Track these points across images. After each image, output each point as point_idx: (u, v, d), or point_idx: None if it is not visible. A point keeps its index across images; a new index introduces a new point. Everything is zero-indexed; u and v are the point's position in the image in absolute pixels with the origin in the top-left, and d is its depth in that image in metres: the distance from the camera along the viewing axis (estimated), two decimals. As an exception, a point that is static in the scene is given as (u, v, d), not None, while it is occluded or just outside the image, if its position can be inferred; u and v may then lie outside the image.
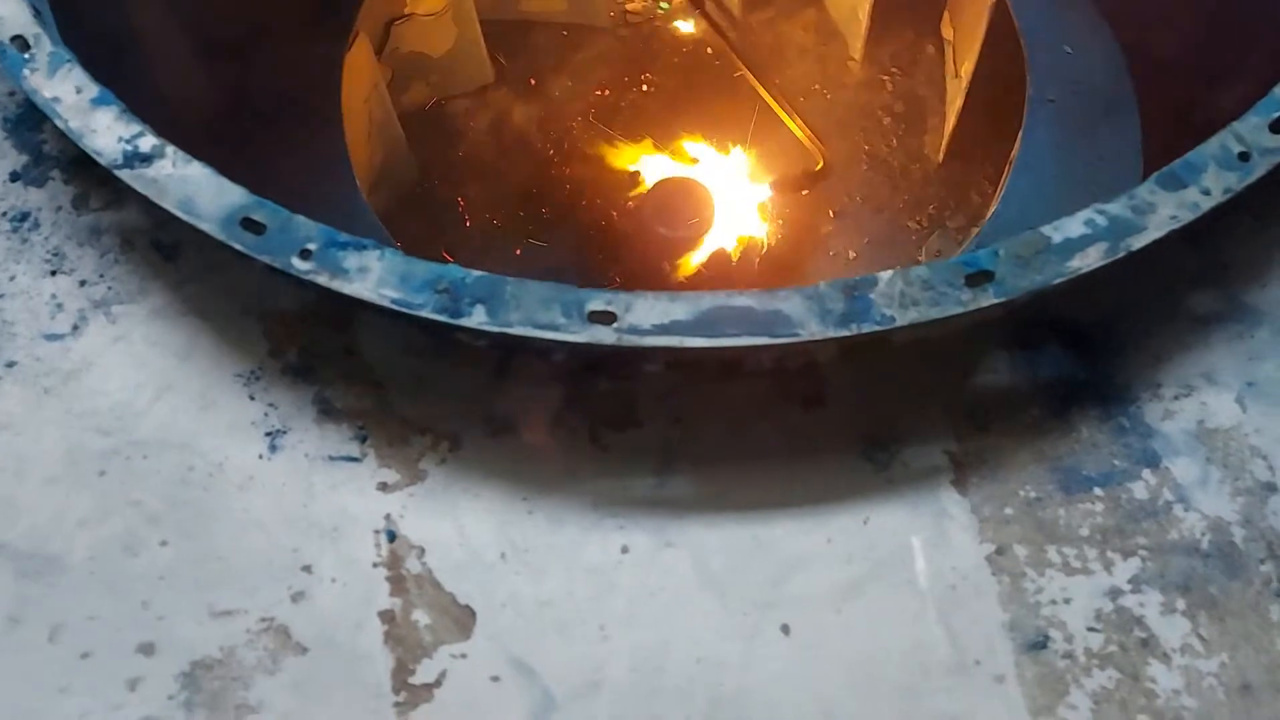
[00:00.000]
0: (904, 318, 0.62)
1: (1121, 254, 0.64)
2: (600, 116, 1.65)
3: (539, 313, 0.63)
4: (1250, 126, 0.67)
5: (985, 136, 1.46)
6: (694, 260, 1.53)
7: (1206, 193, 0.65)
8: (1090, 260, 0.64)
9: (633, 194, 1.60)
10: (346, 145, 1.29)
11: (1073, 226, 0.65)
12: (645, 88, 1.67)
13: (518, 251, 1.57)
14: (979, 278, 0.63)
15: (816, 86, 1.63)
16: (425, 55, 1.55)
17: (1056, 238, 0.64)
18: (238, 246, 0.64)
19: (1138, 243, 0.64)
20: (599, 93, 1.67)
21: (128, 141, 0.67)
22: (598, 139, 1.63)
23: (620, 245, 1.56)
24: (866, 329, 0.62)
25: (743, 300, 0.63)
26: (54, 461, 0.68)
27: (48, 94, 0.68)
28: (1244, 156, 0.66)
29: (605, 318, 0.63)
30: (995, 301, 0.62)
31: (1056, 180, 1.16)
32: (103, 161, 0.66)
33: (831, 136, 1.59)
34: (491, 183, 1.62)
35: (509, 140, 1.64)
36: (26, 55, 0.70)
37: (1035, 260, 0.64)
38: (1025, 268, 0.63)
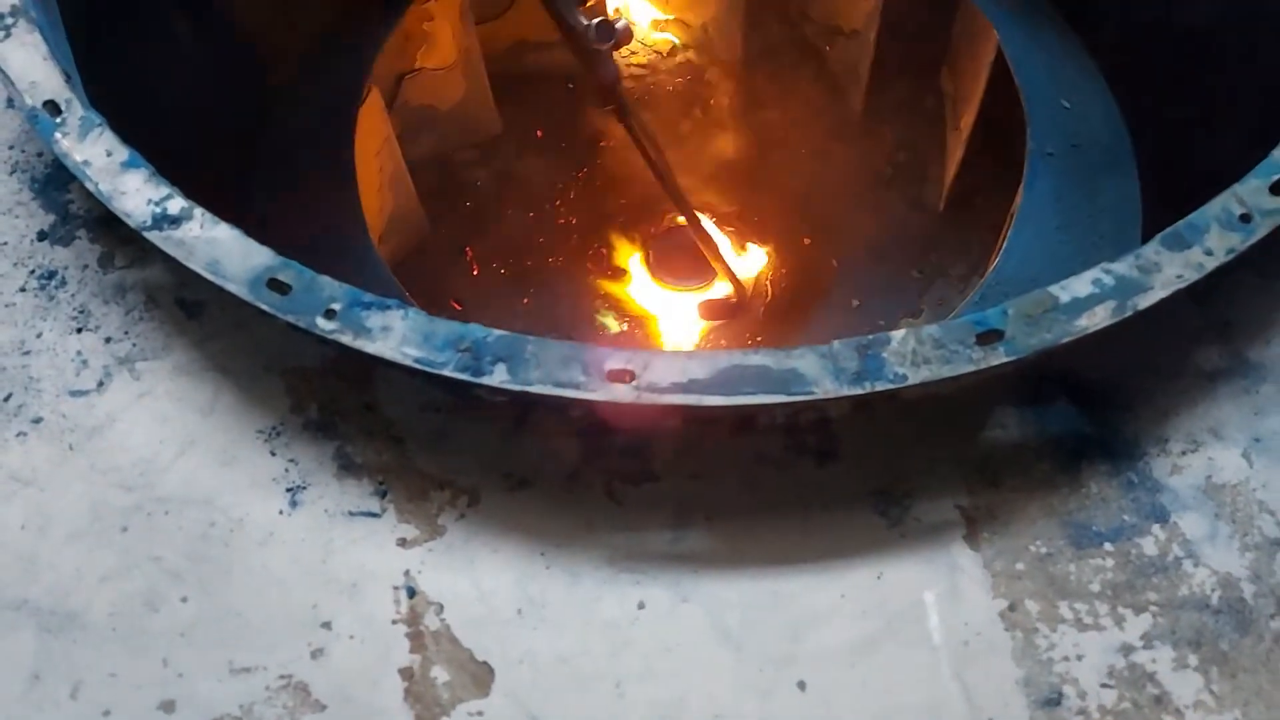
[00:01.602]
0: (916, 376, 0.64)
1: (1129, 313, 0.65)
2: (605, 167, 1.68)
3: (559, 371, 0.64)
4: (1251, 189, 0.69)
5: (986, 186, 1.49)
6: (699, 309, 1.54)
7: (1210, 253, 0.67)
8: (1098, 319, 0.65)
9: (638, 244, 1.62)
10: (359, 197, 1.31)
11: (1080, 286, 0.66)
12: (650, 139, 1.70)
13: (525, 300, 1.59)
14: (989, 336, 0.65)
15: (818, 137, 1.66)
16: (434, 108, 1.57)
17: (1064, 297, 0.66)
18: (264, 307, 0.65)
19: (1144, 302, 0.65)
20: (603, 144, 1.70)
21: (157, 204, 0.69)
22: (603, 189, 1.66)
23: (627, 294, 1.58)
24: (880, 387, 0.64)
25: (758, 359, 0.65)
26: (77, 517, 0.69)
27: (79, 157, 0.70)
28: (1245, 218, 0.68)
29: (624, 376, 0.64)
30: (1006, 360, 0.64)
31: (1058, 232, 1.18)
32: (132, 223, 0.68)
33: (834, 186, 1.62)
34: (498, 232, 1.64)
35: (516, 191, 1.67)
36: (58, 119, 0.71)
37: (1044, 319, 0.65)
38: (1034, 327, 0.65)
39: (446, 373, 0.64)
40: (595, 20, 1.03)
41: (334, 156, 1.29)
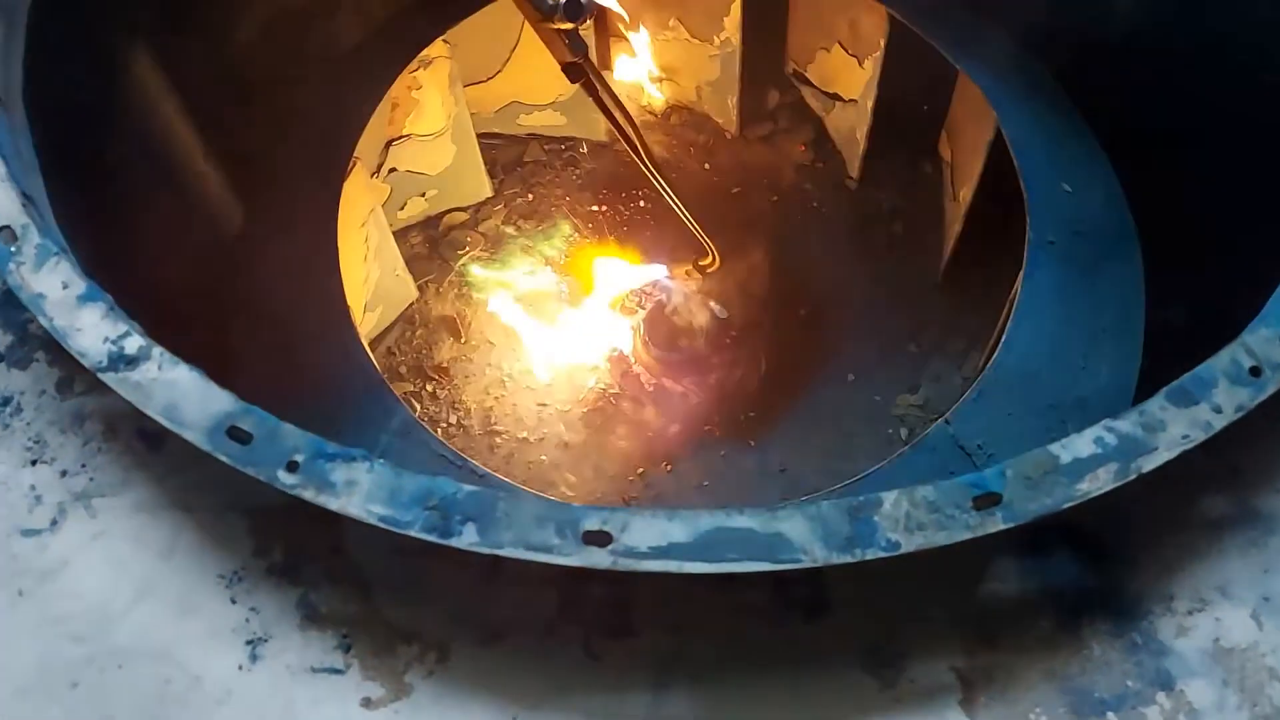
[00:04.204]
0: (910, 543, 0.61)
1: (1132, 476, 0.62)
2: (597, 231, 1.65)
3: (532, 532, 0.61)
4: (1261, 339, 0.66)
5: (984, 260, 1.46)
6: (692, 382, 1.51)
7: (1218, 410, 0.64)
8: (1100, 482, 0.62)
9: (630, 308, 1.59)
10: (340, 271, 1.28)
11: (1082, 445, 0.63)
12: (642, 203, 1.67)
13: (512, 367, 1.56)
14: (986, 500, 0.61)
15: (814, 205, 1.63)
16: (423, 174, 1.54)
17: (1065, 457, 0.63)
18: (223, 458, 0.62)
19: (1148, 464, 0.62)
20: (595, 207, 1.67)
21: (113, 342, 0.66)
22: (595, 253, 1.63)
23: (617, 359, 1.54)
24: (871, 555, 0.60)
25: (743, 520, 0.61)
26: (25, 672, 0.65)
27: (34, 289, 0.67)
28: (1255, 371, 0.65)
29: (600, 539, 0.61)
30: (1003, 528, 0.61)
31: (1059, 324, 1.15)
32: (87, 364, 0.65)
33: (830, 256, 1.59)
34: (489, 296, 1.61)
35: (505, 254, 1.63)
36: (13, 248, 0.68)
37: (1044, 482, 0.62)
38: (1034, 491, 0.62)
39: (413, 534, 0.61)
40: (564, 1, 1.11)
41: (316, 233, 1.26)
